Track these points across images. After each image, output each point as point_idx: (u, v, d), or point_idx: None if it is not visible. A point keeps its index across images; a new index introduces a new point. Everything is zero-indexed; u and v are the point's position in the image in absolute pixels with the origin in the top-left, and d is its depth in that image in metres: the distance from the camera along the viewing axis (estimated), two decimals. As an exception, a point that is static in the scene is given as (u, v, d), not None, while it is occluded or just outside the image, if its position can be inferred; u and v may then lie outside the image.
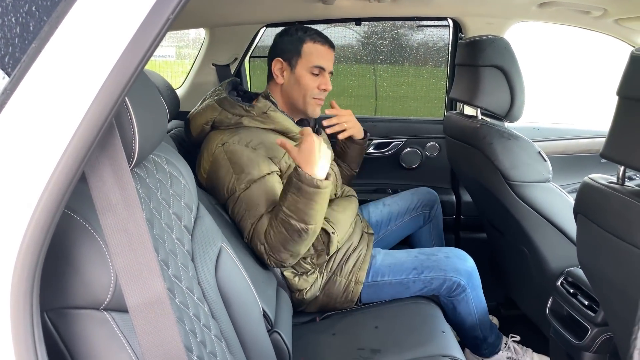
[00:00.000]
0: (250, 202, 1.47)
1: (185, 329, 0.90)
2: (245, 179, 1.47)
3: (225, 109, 1.57)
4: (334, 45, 1.69)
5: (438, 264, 1.67)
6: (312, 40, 1.62)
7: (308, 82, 1.62)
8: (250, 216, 1.47)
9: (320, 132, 1.85)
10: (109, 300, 0.67)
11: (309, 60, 1.62)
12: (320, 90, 1.65)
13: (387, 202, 2.05)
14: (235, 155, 1.49)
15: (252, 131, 1.55)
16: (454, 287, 1.66)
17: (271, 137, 1.56)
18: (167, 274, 0.91)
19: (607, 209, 1.02)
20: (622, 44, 2.21)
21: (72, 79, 0.55)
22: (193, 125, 1.64)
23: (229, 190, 1.49)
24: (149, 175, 0.96)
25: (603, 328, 1.39)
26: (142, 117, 0.79)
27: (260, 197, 1.47)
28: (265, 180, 1.49)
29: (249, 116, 1.57)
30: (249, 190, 1.47)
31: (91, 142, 0.57)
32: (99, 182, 0.62)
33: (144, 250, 0.64)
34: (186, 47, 4.42)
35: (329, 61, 1.66)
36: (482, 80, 1.68)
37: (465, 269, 1.68)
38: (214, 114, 1.58)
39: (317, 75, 1.63)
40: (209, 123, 1.59)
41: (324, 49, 1.64)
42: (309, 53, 1.62)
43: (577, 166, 2.45)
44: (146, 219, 0.90)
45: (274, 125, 1.59)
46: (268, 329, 1.31)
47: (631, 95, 0.97)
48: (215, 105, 1.59)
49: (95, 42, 0.56)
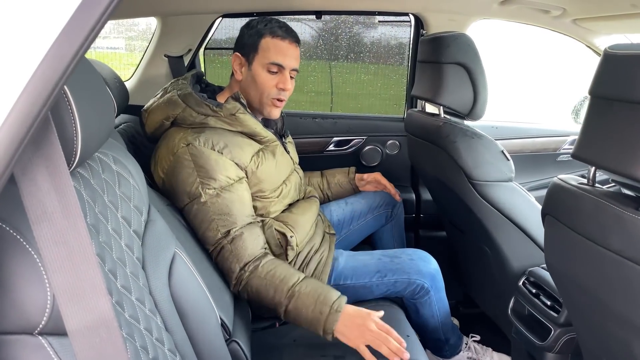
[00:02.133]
0: (220, 211, 1.37)
1: (136, 346, 0.82)
2: (212, 185, 1.38)
3: (190, 106, 1.44)
4: (299, 40, 1.57)
5: (402, 266, 1.63)
6: (270, 35, 1.50)
7: (264, 80, 1.51)
8: (220, 225, 1.37)
9: (287, 134, 1.80)
10: (44, 323, 0.58)
11: (264, 57, 1.49)
12: (278, 90, 1.53)
13: (349, 201, 2.00)
14: (200, 158, 1.38)
15: (218, 132, 1.44)
16: (417, 289, 1.63)
17: (238, 140, 1.47)
18: (114, 285, 0.82)
19: (579, 211, 1.00)
20: (579, 44, 2.24)
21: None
22: (150, 120, 1.50)
23: (191, 194, 1.38)
24: (94, 175, 0.87)
25: (566, 328, 1.39)
26: (86, 110, 0.70)
27: (231, 207, 1.39)
28: (235, 189, 1.41)
29: (216, 116, 1.45)
30: (217, 197, 1.38)
31: (21, 139, 0.49)
32: (32, 186, 0.53)
33: (86, 265, 0.55)
34: (136, 38, 4.23)
35: (290, 58, 1.52)
36: (445, 78, 1.65)
37: (429, 272, 1.65)
38: (176, 111, 1.44)
39: (275, 73, 1.51)
40: (169, 119, 1.46)
41: (284, 44, 1.50)
42: (265, 49, 1.50)
43: (533, 165, 2.48)
44: (91, 224, 0.81)
45: (242, 128, 1.49)
46: (226, 338, 1.23)
47: (604, 95, 0.94)
48: (178, 101, 1.45)
49: (26, 21, 0.47)
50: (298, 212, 1.63)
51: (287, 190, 1.63)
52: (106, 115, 0.85)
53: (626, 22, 1.82)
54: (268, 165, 1.53)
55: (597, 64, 0.96)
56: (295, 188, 1.70)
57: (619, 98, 0.89)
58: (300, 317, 1.33)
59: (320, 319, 1.30)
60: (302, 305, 1.32)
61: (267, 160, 1.53)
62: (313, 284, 1.37)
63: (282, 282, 1.36)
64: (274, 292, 1.35)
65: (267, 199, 1.54)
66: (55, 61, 0.48)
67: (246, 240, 1.39)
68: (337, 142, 2.38)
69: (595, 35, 2.16)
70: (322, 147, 2.35)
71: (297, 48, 1.55)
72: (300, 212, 1.64)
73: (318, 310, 1.31)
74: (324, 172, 2.06)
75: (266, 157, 1.54)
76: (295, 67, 1.56)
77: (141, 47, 2.83)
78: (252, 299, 1.40)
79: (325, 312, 1.30)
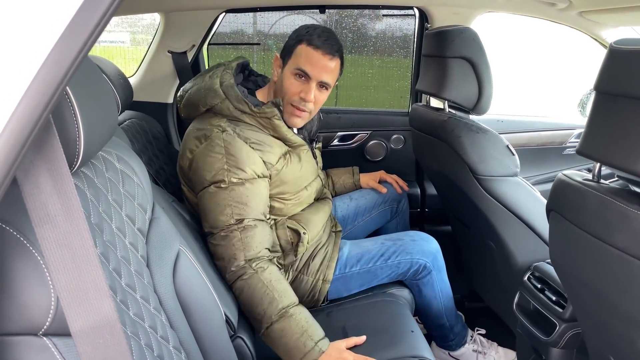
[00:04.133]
0: (239, 199, 1.37)
1: (140, 344, 0.82)
2: (238, 175, 1.38)
3: (229, 99, 1.45)
4: (337, 53, 1.50)
5: (404, 247, 1.66)
6: (307, 42, 1.46)
7: (289, 85, 1.49)
8: (236, 213, 1.36)
9: (320, 139, 1.82)
10: (49, 324, 0.58)
11: (295, 62, 1.48)
12: (300, 99, 1.49)
13: (354, 197, 2.00)
14: (233, 147, 1.40)
15: (252, 129, 1.46)
16: (420, 269, 1.66)
17: (269, 139, 1.48)
18: (119, 284, 0.82)
19: (584, 208, 0.99)
20: (585, 37, 2.22)
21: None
22: (187, 101, 1.52)
23: (215, 178, 1.39)
24: (97, 174, 0.87)
25: (571, 324, 1.39)
26: (89, 111, 0.70)
27: (251, 198, 1.39)
28: (257, 183, 1.42)
29: (253, 116, 1.46)
30: (240, 186, 1.38)
31: (23, 142, 0.49)
32: (35, 189, 0.53)
33: (89, 266, 0.55)
34: (141, 32, 4.23)
35: (319, 69, 1.47)
36: (449, 72, 1.64)
37: (430, 251, 1.68)
38: (215, 100, 1.45)
39: (300, 79, 1.48)
40: (206, 106, 1.47)
41: (317, 54, 1.46)
42: (298, 54, 1.47)
43: (540, 158, 2.46)
44: (95, 224, 0.81)
45: (274, 133, 1.50)
46: (230, 334, 1.24)
47: (609, 90, 0.93)
48: (219, 91, 1.45)
49: (27, 24, 0.47)
50: (311, 212, 1.64)
51: (307, 195, 1.64)
52: (109, 114, 0.85)
53: (633, 15, 1.80)
54: (293, 168, 1.55)
55: (602, 58, 0.95)
56: (316, 193, 1.72)
57: (624, 94, 0.88)
58: (282, 340, 1.30)
59: (302, 350, 1.28)
60: (289, 330, 1.30)
61: (292, 164, 1.54)
62: (306, 313, 1.35)
63: (280, 297, 1.33)
64: (268, 304, 1.32)
65: (287, 201, 1.56)
66: (57, 64, 0.48)
67: (258, 234, 1.38)
68: (342, 137, 2.37)
69: (602, 28, 2.14)
70: (327, 142, 2.35)
71: (332, 61, 1.49)
72: (314, 211, 1.65)
73: (302, 342, 1.28)
74: (329, 172, 2.06)
75: (292, 159, 1.55)
76: (324, 80, 1.50)
77: (146, 41, 2.82)
78: (243, 298, 1.35)
79: (308, 346, 1.28)
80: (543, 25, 2.23)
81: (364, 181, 2.04)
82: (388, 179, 2.05)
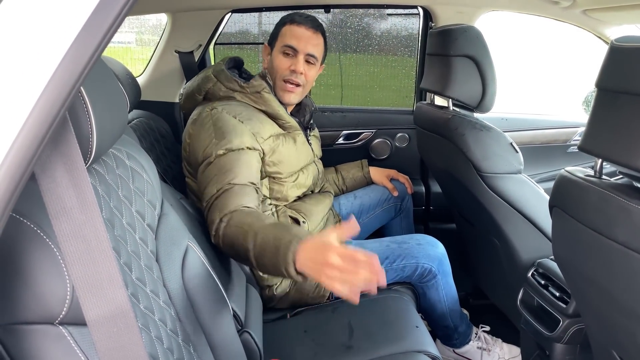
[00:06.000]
0: (223, 168, 1.37)
1: (151, 336, 0.84)
2: (224, 145, 1.40)
3: (220, 80, 1.56)
4: (319, 27, 1.63)
5: (410, 251, 1.67)
6: (290, 22, 1.59)
7: (279, 63, 1.59)
8: (218, 181, 1.34)
9: (313, 127, 1.86)
10: (64, 313, 0.60)
11: (281, 41, 1.59)
12: (290, 72, 1.58)
13: (358, 194, 2.02)
14: (221, 121, 1.46)
15: (243, 105, 1.54)
16: (425, 273, 1.67)
17: (260, 116, 1.54)
18: (130, 277, 0.85)
19: (586, 203, 1.01)
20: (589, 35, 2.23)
21: (18, 68, 0.48)
22: (186, 96, 1.63)
23: (205, 154, 1.42)
24: (108, 171, 0.89)
25: (574, 319, 1.40)
26: (101, 109, 0.72)
27: (235, 165, 1.37)
28: (244, 152, 1.42)
29: (242, 92, 1.55)
30: (225, 156, 1.39)
31: (41, 139, 0.51)
32: (51, 183, 0.55)
33: (103, 258, 0.57)
34: (147, 33, 4.25)
35: (305, 42, 1.58)
36: (453, 71, 1.65)
37: (436, 255, 1.69)
38: (208, 84, 1.57)
39: (289, 56, 1.58)
40: (201, 93, 1.58)
41: (301, 29, 1.58)
42: (283, 34, 1.59)
43: (544, 156, 2.47)
44: (106, 219, 0.83)
45: (265, 107, 1.56)
46: (238, 329, 1.26)
47: (610, 87, 0.95)
48: (211, 76, 1.57)
49: (44, 26, 0.49)
50: (312, 203, 1.67)
51: (303, 177, 1.66)
52: (120, 113, 0.88)
53: (637, 12, 1.80)
54: (288, 148, 1.58)
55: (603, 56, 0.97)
56: (313, 179, 1.73)
57: (625, 90, 0.89)
58: (265, 252, 1.12)
59: (280, 246, 1.07)
60: (265, 238, 1.13)
61: (287, 144, 1.59)
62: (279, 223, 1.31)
63: (250, 226, 1.20)
64: (243, 238, 1.18)
65: (284, 181, 1.58)
66: (73, 63, 0.50)
67: (234, 195, 1.31)
68: (347, 136, 2.39)
69: (606, 26, 2.14)
70: (332, 140, 2.36)
71: (315, 34, 1.60)
72: (314, 202, 1.68)
73: (279, 237, 1.09)
74: (338, 168, 2.08)
75: (287, 141, 1.59)
76: (311, 52, 1.60)
77: (152, 41, 2.85)
78: (228, 252, 1.27)
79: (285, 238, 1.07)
80: (547, 24, 2.23)
81: (376, 177, 2.06)
82: (400, 178, 2.07)
